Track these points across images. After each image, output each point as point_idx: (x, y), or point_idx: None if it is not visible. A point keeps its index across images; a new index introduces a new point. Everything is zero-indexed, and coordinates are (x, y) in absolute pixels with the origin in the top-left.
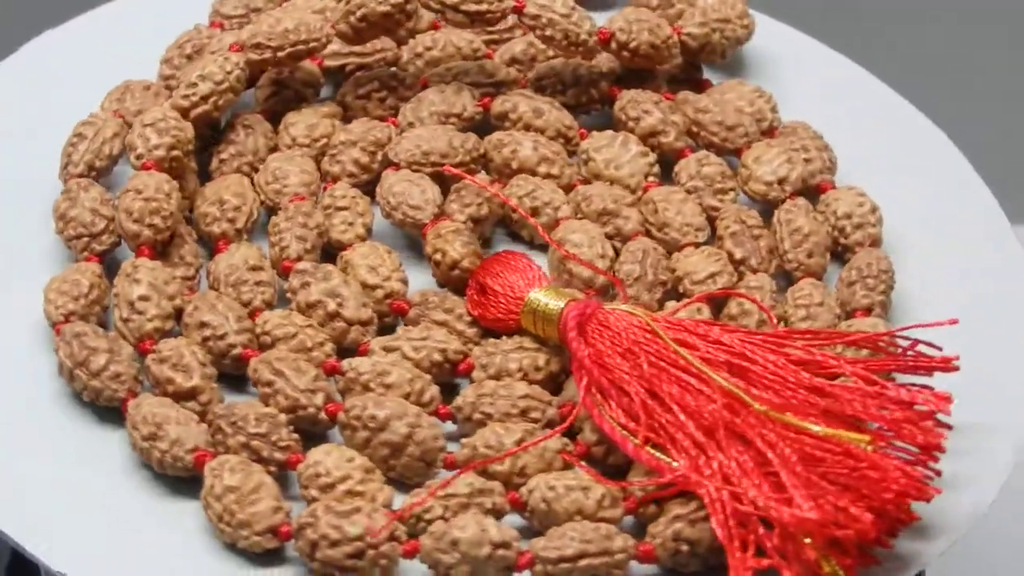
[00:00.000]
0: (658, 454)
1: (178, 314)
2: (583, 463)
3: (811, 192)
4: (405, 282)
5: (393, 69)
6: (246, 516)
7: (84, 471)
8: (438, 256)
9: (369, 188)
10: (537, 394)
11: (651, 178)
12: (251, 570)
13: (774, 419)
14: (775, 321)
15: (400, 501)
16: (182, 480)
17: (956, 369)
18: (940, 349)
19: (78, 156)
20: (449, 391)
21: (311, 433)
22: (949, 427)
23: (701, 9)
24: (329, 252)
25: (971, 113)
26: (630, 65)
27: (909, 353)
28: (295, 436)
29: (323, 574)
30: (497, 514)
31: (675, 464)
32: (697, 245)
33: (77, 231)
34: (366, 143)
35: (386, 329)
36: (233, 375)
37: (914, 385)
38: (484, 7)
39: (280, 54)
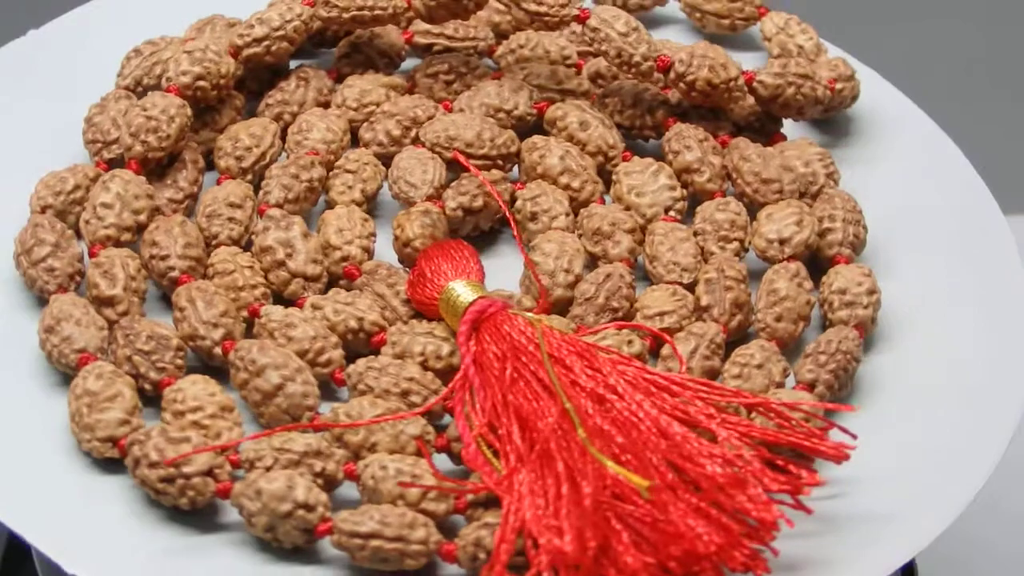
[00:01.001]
0: (493, 459)
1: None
2: (435, 454)
3: (824, 262)
4: (367, 250)
5: (468, 56)
6: (92, 420)
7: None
8: (397, 231)
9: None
10: (424, 380)
11: (672, 212)
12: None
13: (588, 451)
14: (684, 366)
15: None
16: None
17: (845, 459)
18: (854, 438)
19: (129, 70)
20: None
21: (212, 367)
22: (808, 511)
23: (785, 61)
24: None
25: (965, 105)
26: (688, 99)
27: (820, 430)
28: (179, 363)
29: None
30: (328, 480)
31: (497, 472)
32: (682, 284)
33: (94, 136)
34: (404, 117)
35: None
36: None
37: (801, 457)
38: (544, 8)
39: (345, 15)
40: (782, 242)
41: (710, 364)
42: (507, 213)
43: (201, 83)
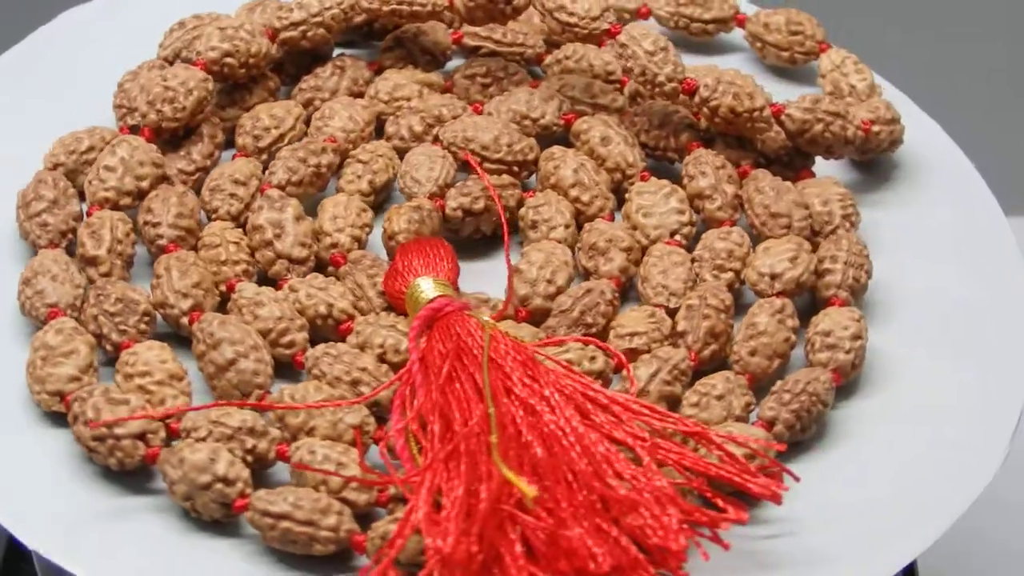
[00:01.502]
0: (417, 456)
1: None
2: (374, 446)
3: (821, 302)
4: (359, 240)
5: (509, 62)
6: (44, 373)
7: None
8: (385, 224)
9: None
10: (376, 372)
11: (678, 236)
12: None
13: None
14: (634, 387)
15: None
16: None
17: (777, 501)
18: (797, 480)
19: (169, 41)
20: None
21: (182, 337)
22: (725, 545)
23: (817, 97)
24: None
25: (966, 105)
26: (712, 125)
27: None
28: (143, 328)
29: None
30: (259, 458)
31: (417, 468)
32: (667, 308)
33: (121, 101)
34: (428, 115)
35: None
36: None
37: (731, 495)
38: (574, 20)
39: (385, 8)
40: (773, 277)
41: (670, 389)
42: (502, 218)
43: (229, 60)
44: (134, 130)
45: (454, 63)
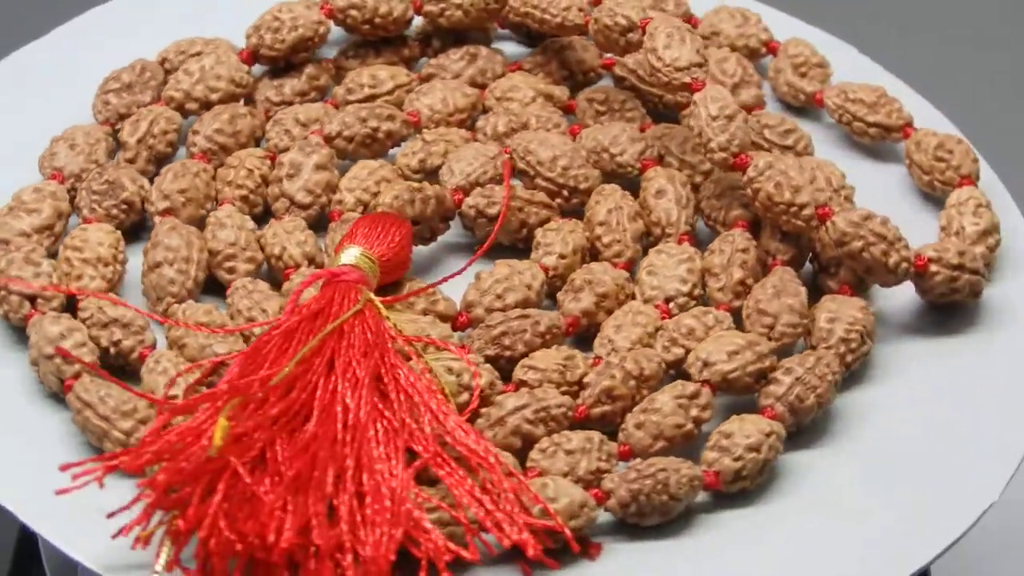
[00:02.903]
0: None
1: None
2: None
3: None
4: (364, 204)
5: (630, 95)
6: (2, 221)
7: None
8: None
9: None
10: (263, 317)
11: (672, 305)
12: None
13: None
14: (475, 404)
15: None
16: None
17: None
18: (594, 552)
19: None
20: None
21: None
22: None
23: (868, 214)
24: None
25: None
26: (752, 207)
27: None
28: (114, 212)
29: None
30: (122, 354)
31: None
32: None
33: (258, 23)
34: (517, 121)
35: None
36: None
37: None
38: (659, 65)
39: (522, 8)
40: (705, 364)
41: (528, 428)
42: (496, 226)
43: (353, 12)
44: (254, 53)
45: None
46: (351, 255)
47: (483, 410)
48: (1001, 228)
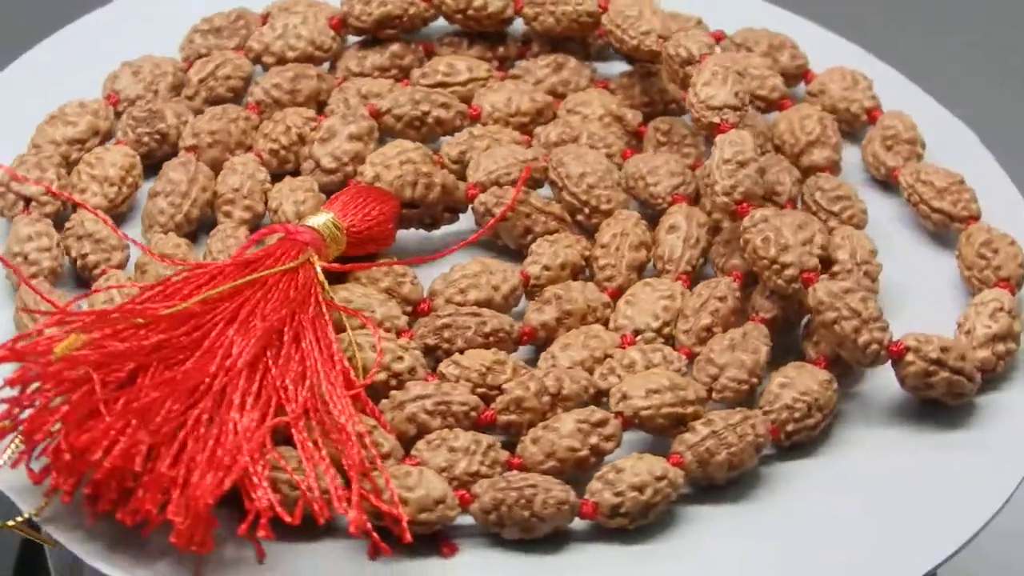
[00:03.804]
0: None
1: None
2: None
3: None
4: (378, 178)
5: (692, 131)
6: (44, 127)
7: None
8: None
9: None
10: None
11: (639, 339)
12: None
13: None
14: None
15: None
16: None
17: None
18: (448, 551)
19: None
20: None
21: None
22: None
23: (852, 288)
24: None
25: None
26: (743, 257)
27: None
28: (147, 142)
29: None
30: (86, 268)
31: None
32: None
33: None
34: (569, 133)
35: None
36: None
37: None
38: (695, 101)
39: (608, 25)
40: (624, 397)
41: (424, 418)
42: (489, 224)
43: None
44: (343, 21)
45: None
46: (319, 219)
47: (392, 393)
48: None
